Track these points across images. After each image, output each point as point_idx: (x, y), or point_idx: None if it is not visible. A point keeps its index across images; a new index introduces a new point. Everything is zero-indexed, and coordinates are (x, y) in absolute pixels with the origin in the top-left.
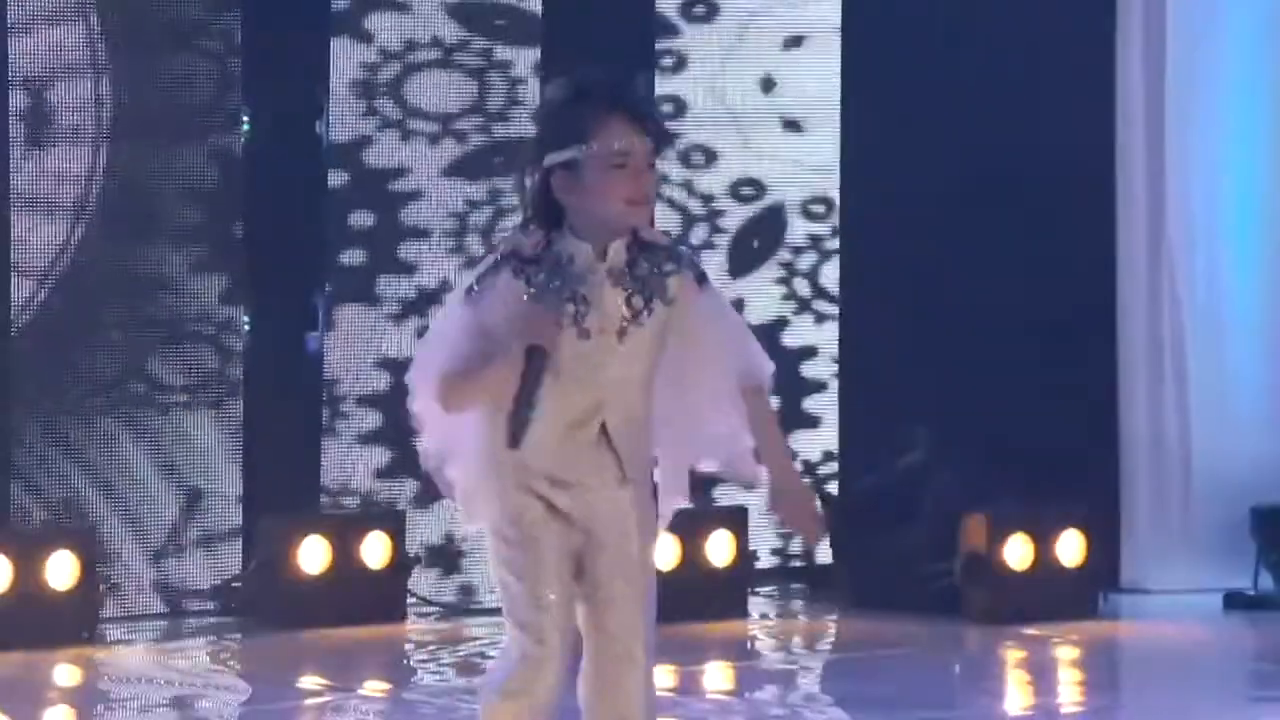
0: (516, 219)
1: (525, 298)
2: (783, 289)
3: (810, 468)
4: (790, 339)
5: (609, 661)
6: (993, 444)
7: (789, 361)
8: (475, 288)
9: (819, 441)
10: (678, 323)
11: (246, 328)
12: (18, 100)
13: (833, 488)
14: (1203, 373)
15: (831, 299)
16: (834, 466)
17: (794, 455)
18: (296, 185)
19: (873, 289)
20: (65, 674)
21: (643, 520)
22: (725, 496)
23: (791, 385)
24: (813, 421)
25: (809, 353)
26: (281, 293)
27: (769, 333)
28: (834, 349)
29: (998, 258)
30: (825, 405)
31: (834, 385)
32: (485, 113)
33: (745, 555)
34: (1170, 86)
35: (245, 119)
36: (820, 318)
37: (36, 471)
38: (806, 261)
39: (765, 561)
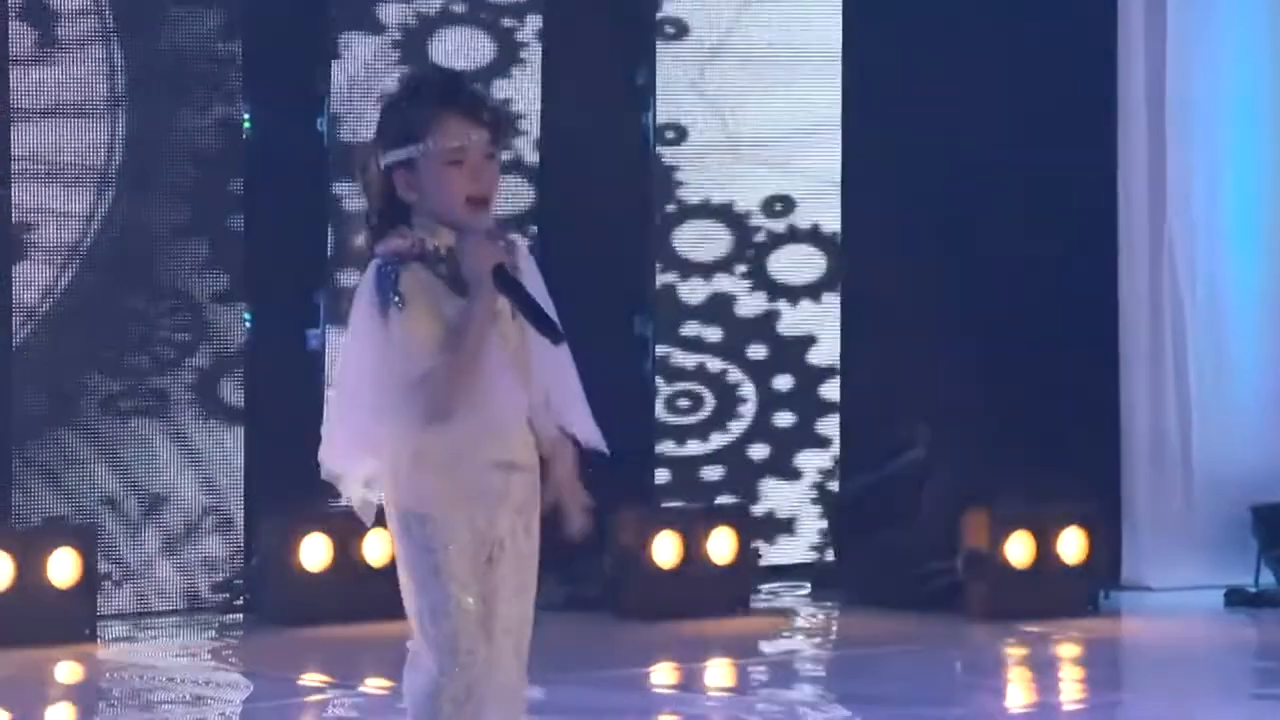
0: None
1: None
2: (780, 282)
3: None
4: (788, 330)
5: (499, 654)
6: (994, 441)
7: (793, 351)
8: (396, 298)
9: (822, 432)
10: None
11: (248, 324)
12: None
13: (834, 485)
14: (1204, 370)
15: (833, 292)
16: (834, 463)
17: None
18: (298, 182)
19: (874, 284)
20: (67, 671)
21: (540, 509)
22: (727, 494)
23: (798, 380)
24: (826, 408)
25: (809, 341)
26: (282, 289)
27: (766, 325)
28: (836, 345)
29: (1000, 255)
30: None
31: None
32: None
33: (747, 552)
34: (1171, 85)
35: (246, 115)
36: (821, 312)
37: (38, 469)
38: (808, 255)
39: (767, 559)
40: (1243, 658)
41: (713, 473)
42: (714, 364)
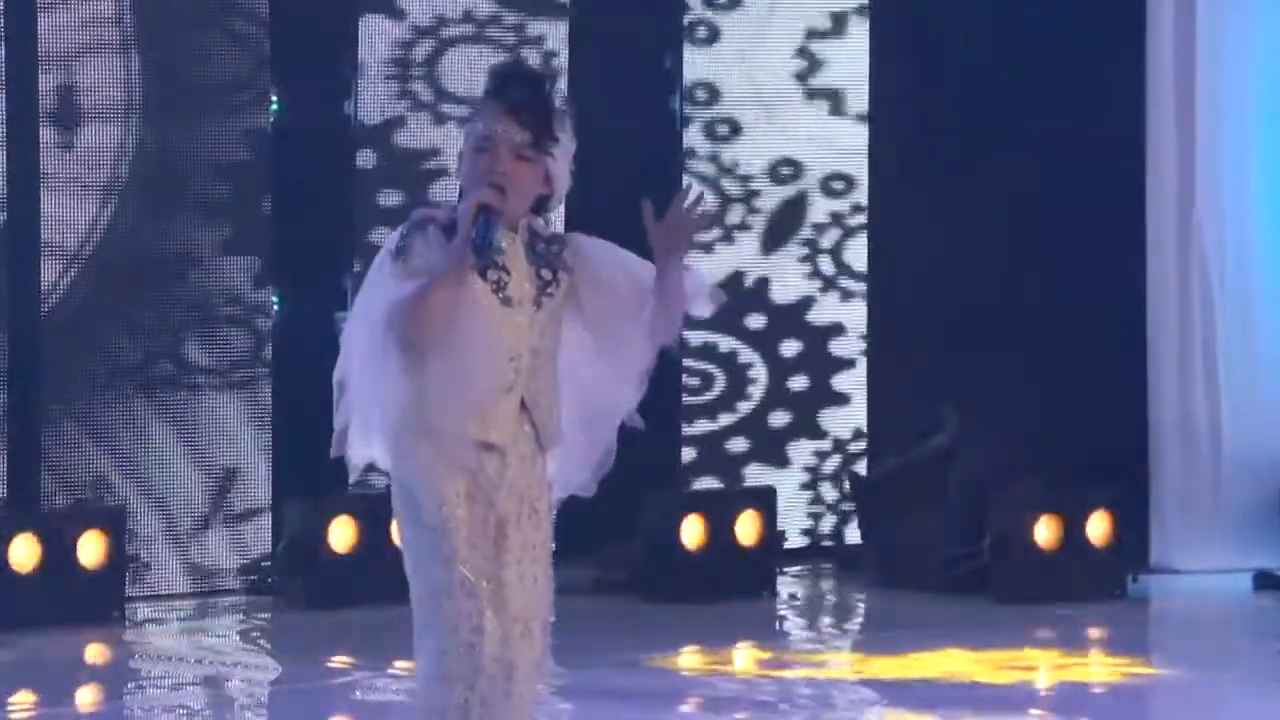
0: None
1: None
2: (808, 267)
3: (840, 445)
4: (818, 317)
5: (500, 666)
6: (1022, 425)
7: (817, 339)
8: (402, 245)
9: (849, 420)
10: (588, 276)
11: (276, 308)
12: (48, 81)
13: (861, 467)
14: (1232, 354)
15: (859, 278)
16: (863, 446)
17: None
18: (325, 165)
19: (901, 268)
20: (95, 653)
21: (549, 497)
22: (754, 477)
23: (821, 363)
24: (843, 399)
25: (837, 330)
26: (311, 273)
27: (797, 311)
28: (862, 328)
29: (1027, 240)
30: (855, 384)
31: (863, 364)
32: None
33: (773, 535)
34: (1200, 70)
35: (274, 99)
36: (847, 296)
37: (66, 452)
38: (832, 239)
39: (793, 541)
40: (1270, 640)
41: (736, 447)
42: (728, 344)
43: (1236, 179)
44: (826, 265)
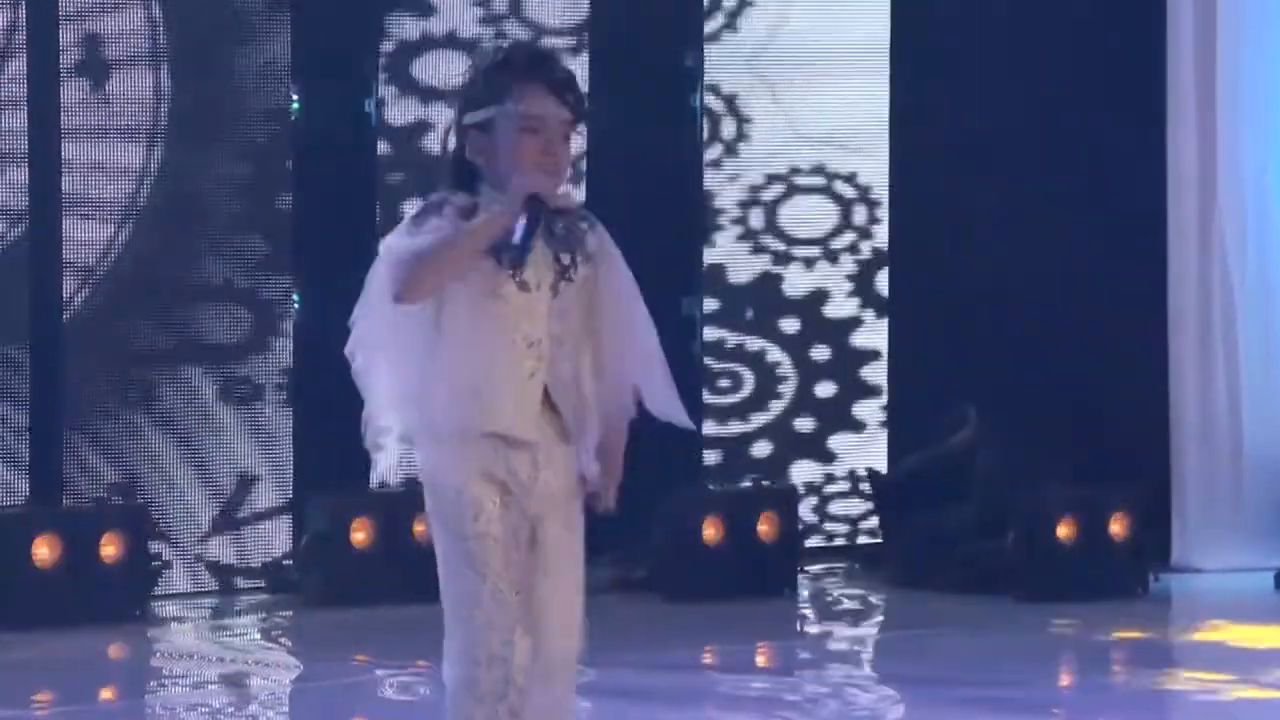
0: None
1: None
2: (829, 267)
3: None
4: (837, 313)
5: (547, 654)
6: (1043, 423)
7: (838, 334)
8: (417, 216)
9: (869, 416)
10: (599, 286)
11: (296, 305)
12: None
13: (882, 466)
14: (1253, 352)
15: (881, 274)
16: (883, 444)
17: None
18: (346, 163)
19: (923, 268)
20: (117, 652)
21: (578, 488)
22: (774, 475)
23: (842, 360)
24: (872, 391)
25: (855, 323)
26: (331, 270)
27: (813, 308)
28: (884, 327)
29: (1049, 238)
30: (877, 380)
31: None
32: None
33: (793, 533)
34: (1221, 64)
35: (295, 97)
36: (870, 297)
37: (89, 450)
38: (852, 237)
39: (813, 539)
40: None
41: (759, 450)
42: (756, 343)
43: (1258, 175)
44: (847, 263)
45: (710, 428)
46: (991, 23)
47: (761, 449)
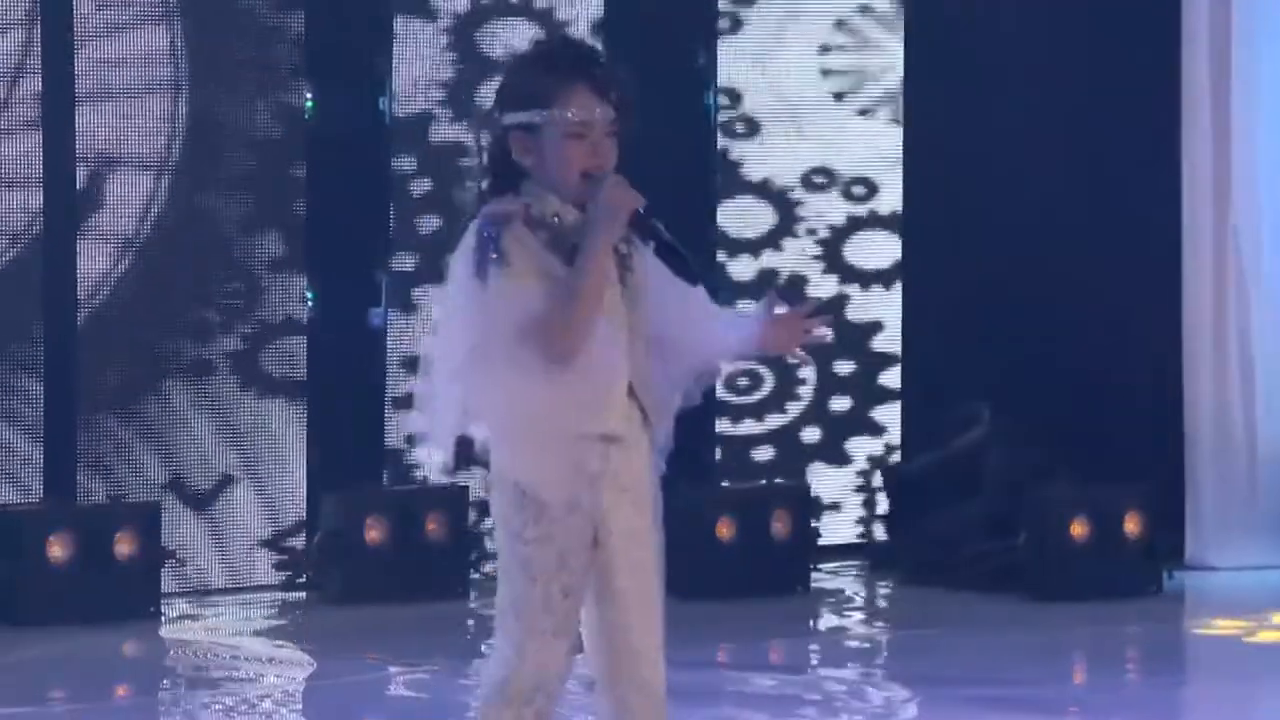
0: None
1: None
2: (843, 264)
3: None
4: (854, 314)
5: (624, 657)
6: (1056, 420)
7: (854, 335)
8: (494, 255)
9: (883, 417)
10: (645, 275)
11: (310, 303)
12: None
13: (895, 463)
14: (1267, 349)
15: (894, 275)
16: (896, 442)
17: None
18: (359, 161)
19: (935, 265)
20: (131, 649)
21: (655, 480)
22: (781, 475)
23: (858, 359)
24: (890, 395)
25: (875, 328)
26: (345, 269)
27: (830, 307)
28: (897, 324)
29: (1062, 234)
30: (891, 381)
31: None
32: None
33: (806, 530)
34: (1236, 65)
35: (309, 94)
36: (883, 292)
37: (101, 447)
38: (865, 236)
39: (827, 537)
40: None
41: (765, 454)
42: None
43: (1273, 179)
44: (862, 261)
45: (725, 426)
46: (1005, 21)
47: (776, 447)
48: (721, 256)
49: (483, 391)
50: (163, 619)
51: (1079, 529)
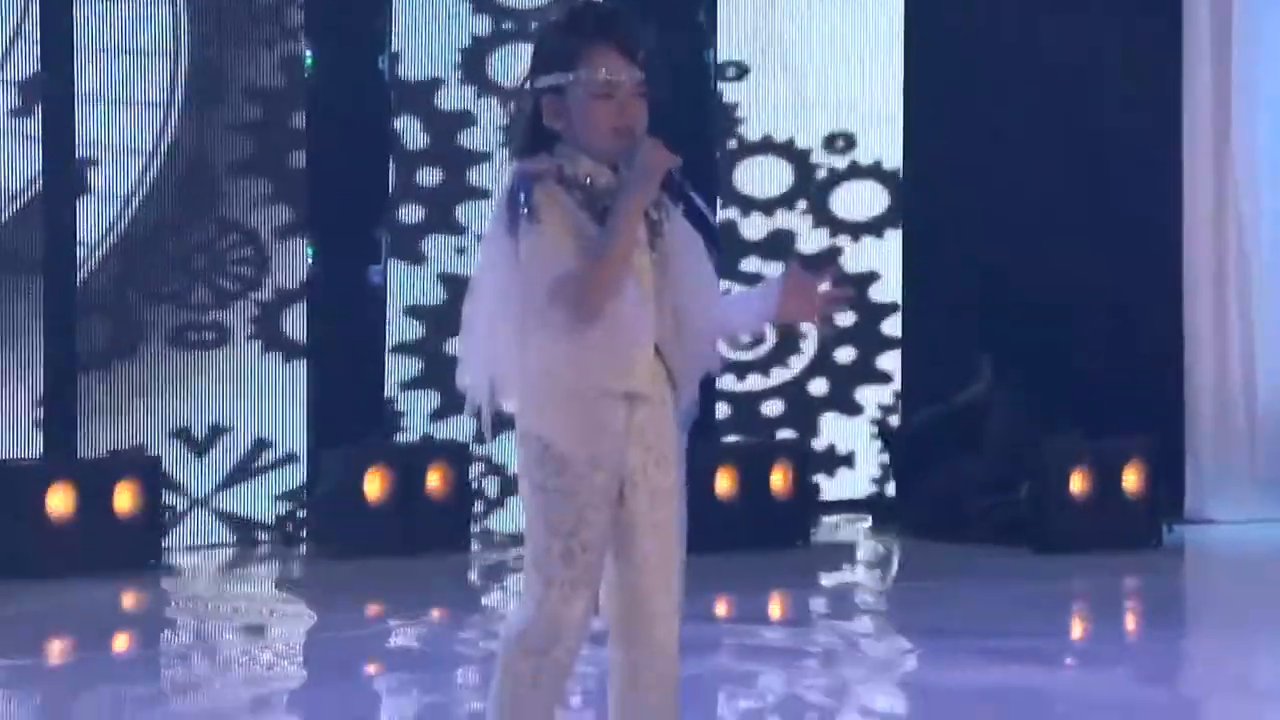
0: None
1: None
2: (846, 220)
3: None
4: (855, 267)
5: (640, 618)
6: (1057, 375)
7: (855, 287)
8: (525, 210)
9: (888, 365)
10: (674, 240)
11: (310, 260)
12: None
13: (896, 418)
14: (1266, 305)
15: (895, 227)
16: (897, 396)
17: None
18: (359, 118)
19: (938, 219)
20: (132, 601)
21: (680, 441)
22: (786, 429)
23: (860, 313)
24: (891, 343)
25: (872, 278)
26: (344, 225)
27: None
28: (899, 277)
29: (1066, 189)
30: (892, 333)
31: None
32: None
33: (807, 485)
34: (1236, 39)
35: (308, 53)
36: (882, 245)
37: (103, 401)
38: (868, 189)
39: (827, 492)
40: None
41: (772, 408)
42: None
43: (1273, 140)
44: (860, 214)
45: (729, 382)
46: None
47: (781, 402)
48: (732, 214)
49: (509, 346)
50: (163, 572)
51: (1080, 482)
